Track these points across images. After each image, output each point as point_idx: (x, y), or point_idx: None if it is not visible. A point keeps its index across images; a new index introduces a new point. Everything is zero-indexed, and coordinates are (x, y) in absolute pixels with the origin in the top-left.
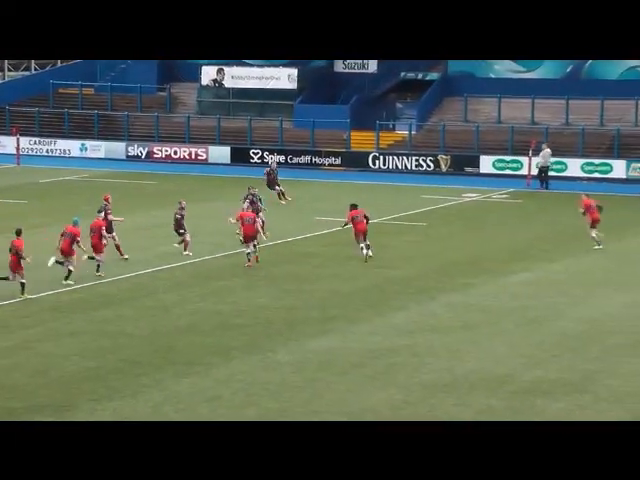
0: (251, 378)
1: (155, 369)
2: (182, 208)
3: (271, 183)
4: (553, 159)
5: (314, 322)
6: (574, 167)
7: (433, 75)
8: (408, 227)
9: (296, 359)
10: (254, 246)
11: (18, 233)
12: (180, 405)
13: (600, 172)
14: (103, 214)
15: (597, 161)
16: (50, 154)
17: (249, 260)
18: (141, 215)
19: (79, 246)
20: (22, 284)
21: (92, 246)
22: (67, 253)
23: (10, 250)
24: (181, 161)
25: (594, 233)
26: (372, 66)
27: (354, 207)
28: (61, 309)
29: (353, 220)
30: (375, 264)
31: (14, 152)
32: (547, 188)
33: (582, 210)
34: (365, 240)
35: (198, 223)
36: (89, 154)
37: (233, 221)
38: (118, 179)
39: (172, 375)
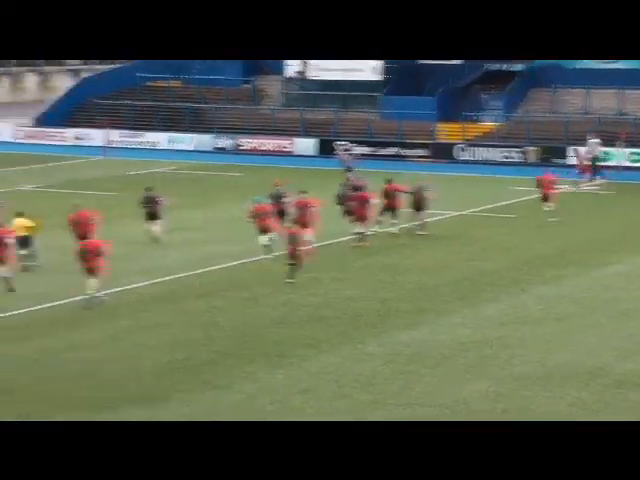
0: (342, 370)
1: (247, 361)
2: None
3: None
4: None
5: (404, 314)
6: None
7: (517, 66)
8: (497, 219)
9: (386, 351)
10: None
11: None
12: (274, 397)
13: None
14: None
15: None
16: (139, 146)
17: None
18: (229, 207)
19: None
20: None
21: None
22: (269, 229)
23: None
24: (267, 153)
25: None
26: None
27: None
28: (153, 300)
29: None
30: (465, 256)
31: (103, 145)
32: (595, 178)
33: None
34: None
35: None
36: (177, 146)
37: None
38: (205, 171)
39: (264, 367)
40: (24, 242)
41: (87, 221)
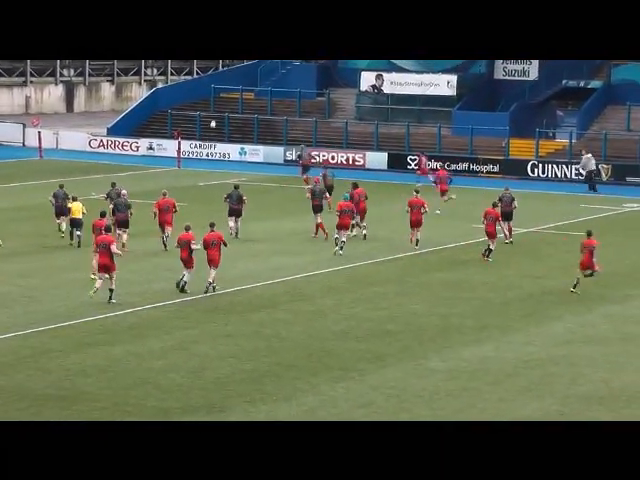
0: (404, 385)
1: (310, 373)
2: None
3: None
4: None
5: (468, 330)
6: None
7: (596, 83)
8: (566, 237)
9: (449, 367)
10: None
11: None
12: (334, 410)
13: None
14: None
15: None
16: (210, 157)
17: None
18: (297, 220)
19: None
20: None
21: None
22: (347, 227)
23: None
24: (338, 166)
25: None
26: (533, 73)
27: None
28: (217, 311)
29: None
30: (532, 274)
31: (175, 155)
32: (594, 190)
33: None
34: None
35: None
36: (248, 158)
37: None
38: (276, 183)
39: (327, 380)
40: (79, 223)
41: (170, 208)
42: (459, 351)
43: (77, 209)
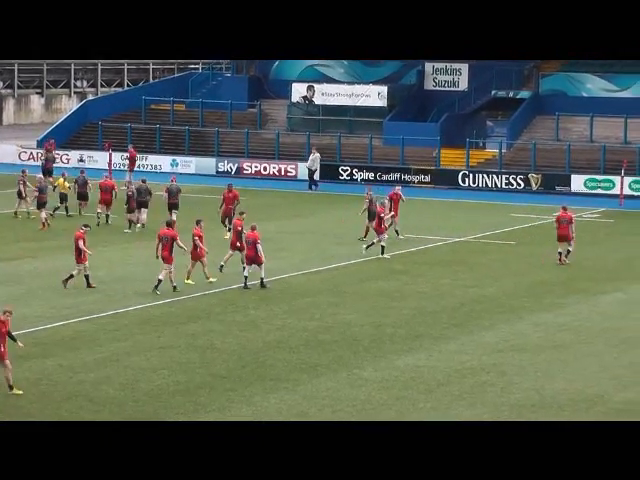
0: (337, 395)
1: (243, 385)
2: None
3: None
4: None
5: (401, 339)
6: None
7: (524, 93)
8: (497, 245)
9: (383, 376)
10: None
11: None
12: (267, 420)
13: None
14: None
15: None
16: (141, 169)
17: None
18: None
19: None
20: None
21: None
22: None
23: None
24: (270, 177)
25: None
26: (463, 84)
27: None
28: (151, 323)
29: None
30: (464, 283)
31: (106, 167)
32: (311, 189)
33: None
34: None
35: (286, 239)
36: (180, 169)
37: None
38: (208, 194)
39: (260, 391)
40: (64, 197)
41: (111, 189)
42: (392, 360)
43: (64, 185)
